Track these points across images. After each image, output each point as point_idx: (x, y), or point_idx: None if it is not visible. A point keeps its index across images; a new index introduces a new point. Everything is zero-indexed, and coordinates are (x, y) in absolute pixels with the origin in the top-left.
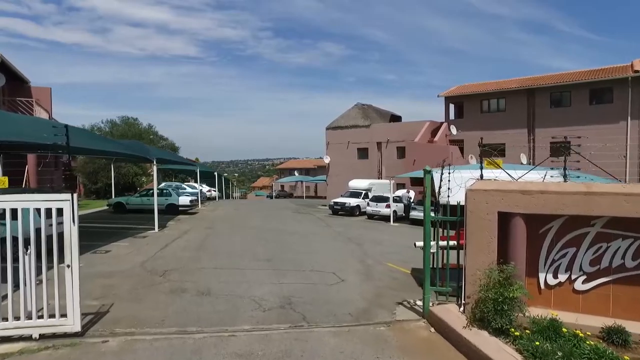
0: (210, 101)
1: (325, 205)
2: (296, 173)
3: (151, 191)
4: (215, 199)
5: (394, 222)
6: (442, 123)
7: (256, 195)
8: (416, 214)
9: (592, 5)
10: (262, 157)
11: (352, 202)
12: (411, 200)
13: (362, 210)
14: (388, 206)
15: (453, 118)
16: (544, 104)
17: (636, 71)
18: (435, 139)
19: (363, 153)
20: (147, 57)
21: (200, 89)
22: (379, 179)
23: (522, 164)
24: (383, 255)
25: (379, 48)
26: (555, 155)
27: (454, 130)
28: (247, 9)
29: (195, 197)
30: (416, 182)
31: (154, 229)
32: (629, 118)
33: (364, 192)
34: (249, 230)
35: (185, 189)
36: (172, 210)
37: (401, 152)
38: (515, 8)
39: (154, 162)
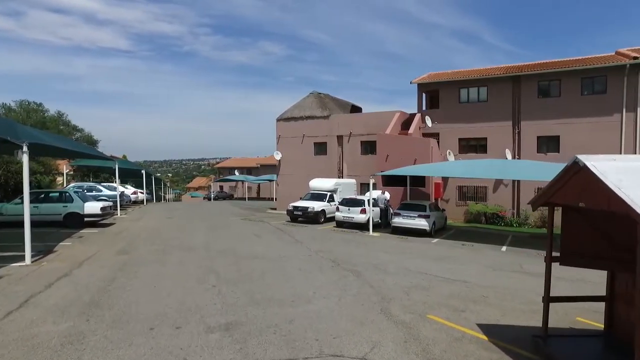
0: (142, 97)
1: (275, 209)
2: (236, 172)
3: (43, 194)
4: (143, 202)
5: (372, 231)
6: (414, 114)
7: (191, 197)
8: (401, 220)
9: (515, 21)
10: (197, 156)
11: (316, 206)
12: (389, 204)
13: (328, 215)
14: (364, 211)
15: (425, 109)
16: (530, 94)
17: (635, 58)
18: (410, 131)
19: (321, 148)
20: (72, 47)
21: (132, 84)
22: (339, 177)
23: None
24: (409, 296)
25: (318, 49)
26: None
27: (429, 122)
28: (184, 4)
29: (112, 202)
30: (391, 181)
31: (24, 259)
32: (624, 110)
33: (328, 194)
34: (188, 254)
35: (101, 190)
36: (74, 222)
37: (367, 146)
38: (449, 18)
39: (24, 148)
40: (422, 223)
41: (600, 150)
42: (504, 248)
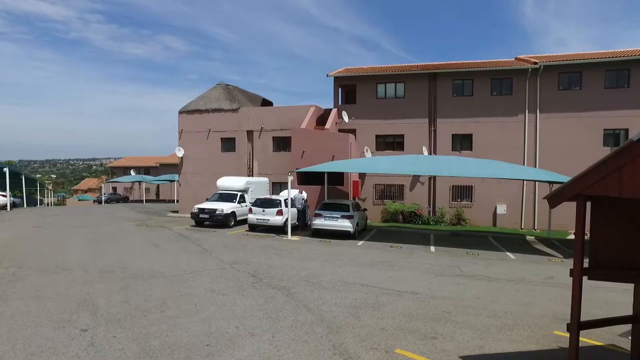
0: (17, 87)
1: (177, 212)
2: (132, 172)
3: None
4: (6, 207)
5: (291, 234)
6: (329, 109)
7: (79, 200)
8: (322, 222)
9: (410, 31)
10: (88, 156)
11: (225, 208)
12: (306, 204)
13: (239, 218)
14: (280, 213)
15: (340, 104)
16: (446, 92)
17: (535, 63)
18: (327, 126)
19: (229, 144)
20: None
21: (2, 70)
22: (249, 176)
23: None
24: (360, 321)
25: (223, 47)
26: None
27: (346, 118)
28: None
29: None
30: (307, 180)
31: None
32: (527, 111)
33: (239, 194)
34: (53, 279)
35: None
36: None
37: (279, 142)
38: (350, 23)
39: None
40: (345, 224)
41: (508, 148)
42: (432, 248)
